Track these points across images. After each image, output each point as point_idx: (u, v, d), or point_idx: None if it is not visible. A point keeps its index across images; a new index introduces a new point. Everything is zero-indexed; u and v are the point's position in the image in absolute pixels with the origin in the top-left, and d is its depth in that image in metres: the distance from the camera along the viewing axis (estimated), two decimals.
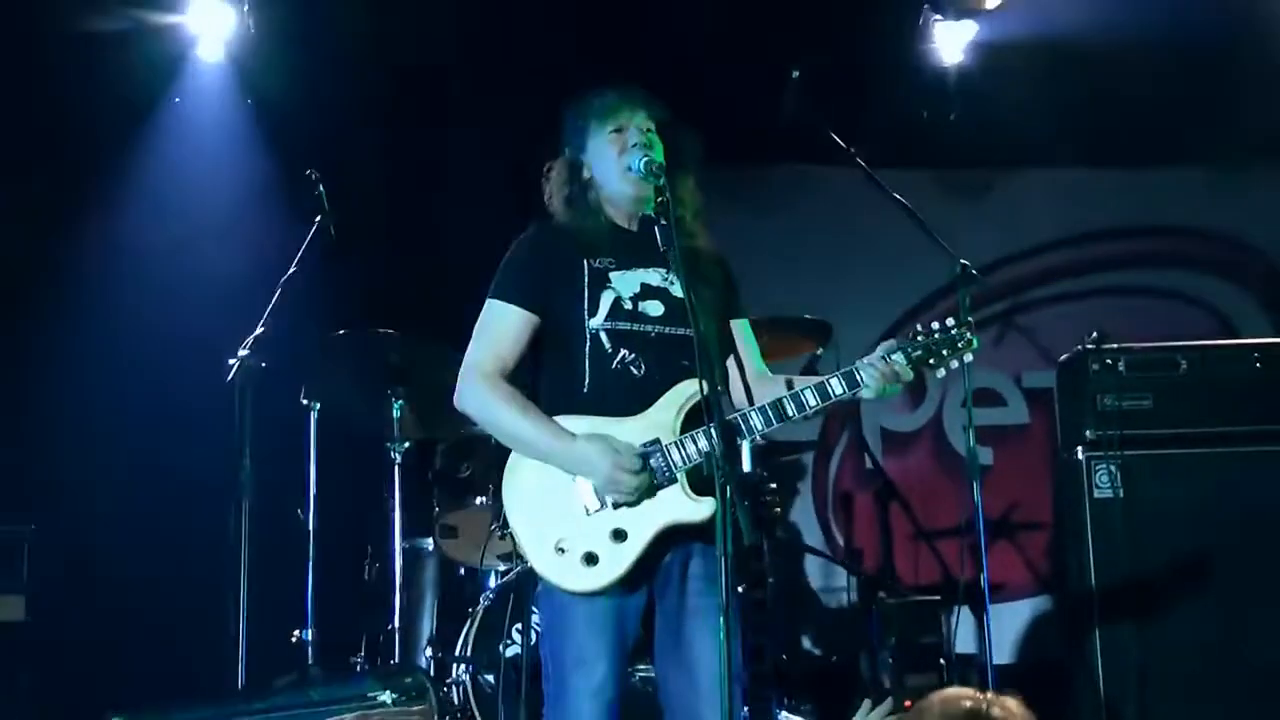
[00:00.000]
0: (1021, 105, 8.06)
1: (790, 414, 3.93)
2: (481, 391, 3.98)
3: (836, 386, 3.95)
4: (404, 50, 7.49)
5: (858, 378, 3.95)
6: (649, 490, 3.86)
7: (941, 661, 6.63)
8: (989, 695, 3.05)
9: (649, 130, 4.10)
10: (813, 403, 3.94)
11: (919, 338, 4.01)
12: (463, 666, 5.78)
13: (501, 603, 5.72)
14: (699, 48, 7.50)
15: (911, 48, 7.89)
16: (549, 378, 4.05)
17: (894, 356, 3.97)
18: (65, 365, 7.29)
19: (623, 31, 7.38)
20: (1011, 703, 3.06)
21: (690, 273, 3.81)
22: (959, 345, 4.02)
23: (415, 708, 5.34)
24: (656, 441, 3.88)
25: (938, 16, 7.64)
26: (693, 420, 3.88)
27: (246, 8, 7.20)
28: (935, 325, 4.02)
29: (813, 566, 8.25)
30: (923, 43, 7.78)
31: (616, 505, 3.86)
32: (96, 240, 7.49)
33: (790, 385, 4.01)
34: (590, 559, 3.84)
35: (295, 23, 7.21)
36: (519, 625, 5.55)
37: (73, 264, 7.50)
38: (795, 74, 7.97)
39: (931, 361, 4.01)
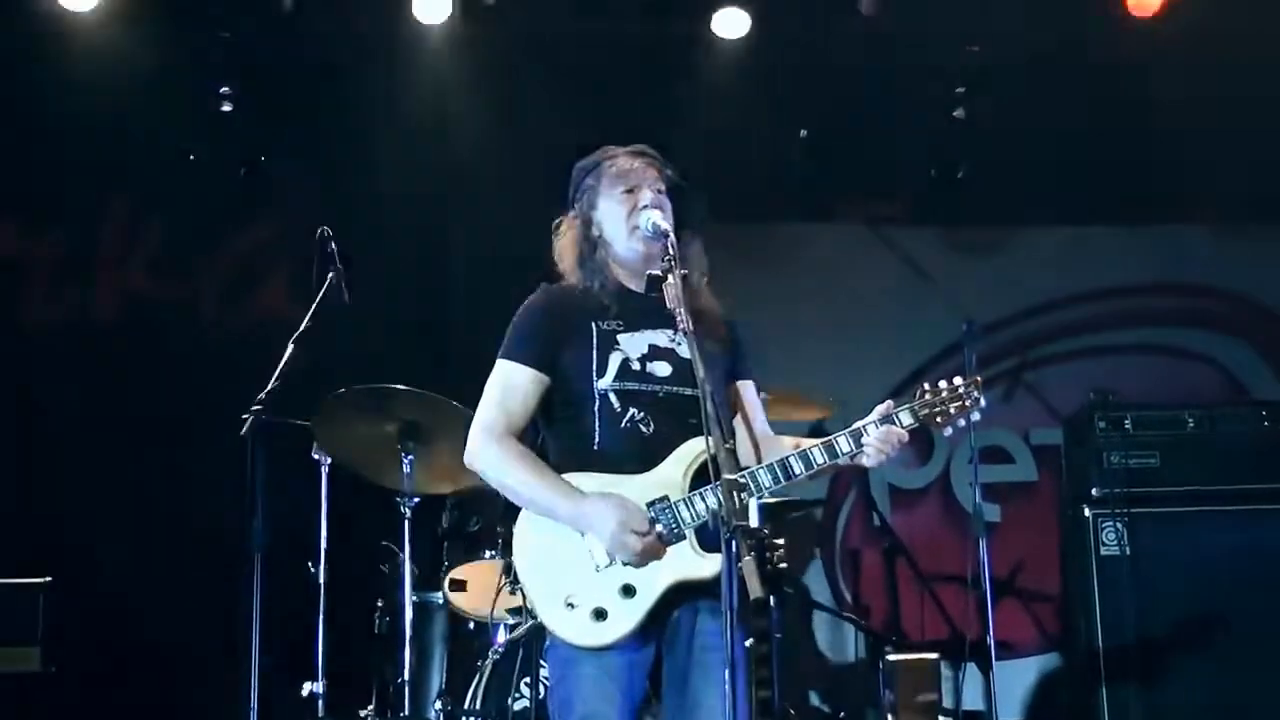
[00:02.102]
0: (1030, 163, 8.12)
1: (798, 472, 3.94)
2: (492, 451, 4.01)
3: (844, 444, 3.96)
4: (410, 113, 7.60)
5: (865, 436, 3.96)
6: (657, 551, 3.87)
7: None
8: None
9: (659, 191, 4.13)
10: (820, 461, 3.95)
11: (925, 396, 4.02)
12: (472, 719, 5.80)
13: (510, 656, 5.73)
14: (707, 108, 7.57)
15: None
16: (559, 435, 4.08)
17: (899, 415, 3.98)
18: (79, 419, 7.35)
19: (631, 94, 7.44)
20: None
21: (696, 333, 3.81)
22: (966, 404, 4.02)
23: None
24: (665, 498, 3.90)
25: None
26: (701, 478, 3.90)
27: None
28: (942, 384, 4.03)
29: (820, 622, 8.25)
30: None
31: (625, 562, 3.89)
32: (109, 298, 7.58)
33: (797, 445, 4.03)
34: (600, 614, 3.86)
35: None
36: (528, 679, 5.56)
37: (86, 321, 7.59)
38: (803, 133, 8.10)
39: (939, 420, 4.01)
